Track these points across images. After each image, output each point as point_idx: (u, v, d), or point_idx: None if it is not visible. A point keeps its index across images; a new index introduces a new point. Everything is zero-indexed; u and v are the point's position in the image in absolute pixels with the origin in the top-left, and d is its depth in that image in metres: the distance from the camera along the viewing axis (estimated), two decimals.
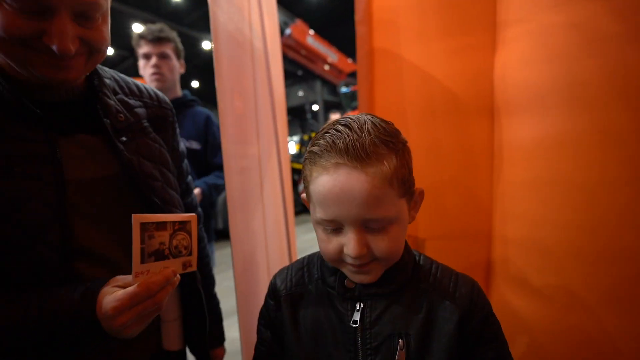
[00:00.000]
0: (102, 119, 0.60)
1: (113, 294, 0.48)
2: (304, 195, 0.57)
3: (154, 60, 1.46)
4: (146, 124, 0.69)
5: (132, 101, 0.68)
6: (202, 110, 1.64)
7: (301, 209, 7.46)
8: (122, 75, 0.72)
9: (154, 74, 1.47)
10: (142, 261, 0.49)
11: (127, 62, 10.72)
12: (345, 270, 0.54)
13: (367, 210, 0.47)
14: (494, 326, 0.55)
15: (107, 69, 0.69)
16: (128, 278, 0.51)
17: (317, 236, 0.54)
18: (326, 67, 9.35)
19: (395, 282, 0.55)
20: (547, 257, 0.81)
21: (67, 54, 0.50)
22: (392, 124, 0.53)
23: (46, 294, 0.50)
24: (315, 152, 0.50)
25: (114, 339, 0.51)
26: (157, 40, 1.46)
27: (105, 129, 0.60)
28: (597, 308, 0.74)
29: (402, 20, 0.99)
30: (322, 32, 8.91)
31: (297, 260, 0.65)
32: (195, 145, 1.54)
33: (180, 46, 1.57)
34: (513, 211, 0.89)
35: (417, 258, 0.59)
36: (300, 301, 0.59)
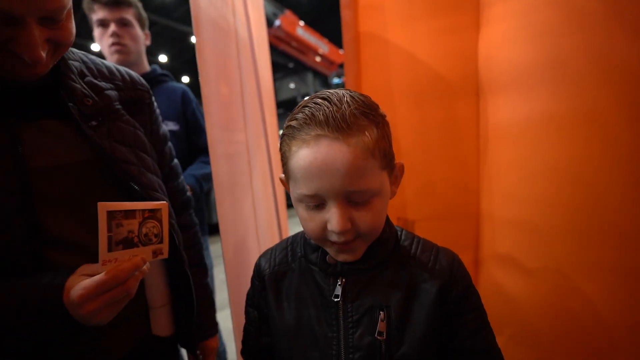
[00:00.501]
0: (66, 104, 0.58)
1: (80, 283, 0.48)
2: (282, 175, 0.56)
3: (112, 27, 1.25)
4: (118, 107, 0.66)
5: (102, 84, 0.66)
6: (177, 85, 1.45)
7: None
8: (93, 57, 0.69)
9: (114, 44, 1.25)
10: (110, 249, 0.49)
11: None
12: (329, 249, 0.54)
13: (350, 181, 0.46)
14: (473, 297, 0.56)
15: (76, 50, 0.67)
16: (96, 266, 0.50)
17: (298, 215, 0.53)
18: (317, 59, 9.30)
19: (376, 256, 0.55)
20: (534, 236, 0.82)
21: (39, 61, 0.50)
22: (370, 98, 0.52)
23: (15, 284, 0.49)
24: (294, 127, 0.49)
25: (96, 327, 0.51)
26: (114, 3, 1.24)
27: (71, 114, 0.58)
28: (584, 285, 0.75)
29: (387, 3, 0.99)
30: (313, 24, 8.82)
31: (282, 241, 0.66)
32: (172, 125, 1.36)
33: (144, 13, 1.36)
34: (500, 191, 0.90)
35: (398, 233, 0.60)
36: (283, 279, 0.60)
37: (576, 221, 0.76)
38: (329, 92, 0.49)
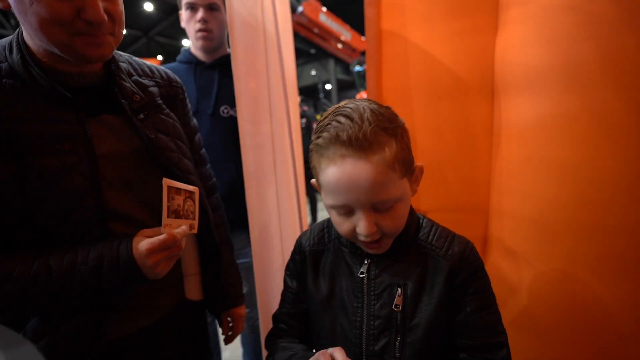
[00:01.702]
0: (120, 100, 0.68)
1: (146, 240, 0.60)
2: (314, 181, 0.63)
3: (201, 13, 1.23)
4: (160, 101, 0.77)
5: (145, 81, 0.76)
6: None
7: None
8: (135, 58, 0.80)
9: (201, 30, 1.25)
10: (168, 216, 0.62)
11: (139, 42, 10.77)
12: (360, 244, 0.62)
13: (373, 194, 0.53)
14: (481, 280, 0.62)
15: (122, 53, 0.77)
16: (153, 230, 0.63)
17: (331, 218, 0.63)
18: (339, 46, 9.18)
19: (398, 243, 0.63)
20: (541, 231, 0.86)
21: (102, 23, 0.58)
22: (390, 108, 0.58)
23: (90, 246, 0.60)
24: (321, 145, 0.55)
25: (150, 283, 0.62)
26: None
27: (123, 109, 0.68)
28: (588, 279, 0.79)
29: (409, 2, 1.02)
30: (335, 10, 8.68)
31: (318, 223, 0.75)
32: None
33: None
34: (509, 187, 0.94)
35: (420, 220, 0.68)
36: (321, 257, 0.70)
37: (583, 218, 0.79)
38: (351, 109, 0.55)
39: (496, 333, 0.61)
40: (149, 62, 0.83)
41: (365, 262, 0.64)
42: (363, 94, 11.09)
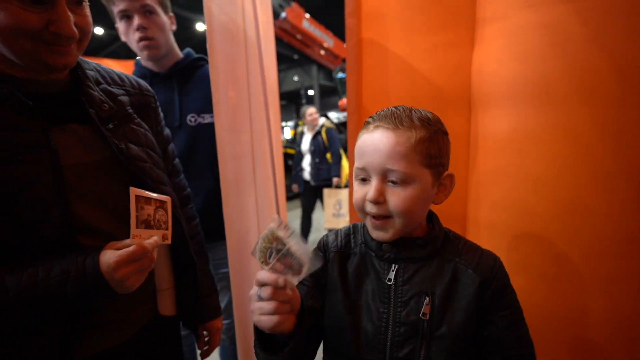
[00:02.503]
0: (87, 109, 0.66)
1: (114, 252, 0.57)
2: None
3: (137, 20, 1.12)
4: (130, 110, 0.74)
5: (115, 90, 0.74)
6: None
7: (293, 194, 7.54)
8: (104, 66, 0.77)
9: (142, 39, 1.13)
10: (137, 226, 0.59)
11: (117, 43, 10.50)
12: (368, 225, 0.63)
13: (388, 160, 0.57)
14: (510, 296, 0.63)
15: (89, 60, 0.74)
16: (122, 242, 0.60)
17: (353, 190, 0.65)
18: (322, 52, 9.25)
19: (426, 250, 0.64)
20: (515, 240, 0.89)
21: (73, 37, 0.57)
22: (439, 117, 0.64)
23: (54, 261, 0.57)
24: (367, 121, 0.64)
25: (120, 298, 0.59)
26: None
27: (91, 118, 0.66)
28: (560, 287, 0.82)
29: (390, 13, 1.04)
30: (318, 16, 8.76)
31: (345, 227, 0.75)
32: (209, 118, 1.23)
33: None
34: (485, 198, 0.96)
35: (448, 233, 0.69)
36: (347, 260, 0.70)
37: (556, 230, 0.82)
38: (403, 105, 0.63)
39: (526, 346, 0.63)
40: (118, 70, 0.80)
41: (393, 268, 0.64)
42: (345, 101, 11.19)
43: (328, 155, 3.79)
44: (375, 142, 0.59)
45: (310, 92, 14.53)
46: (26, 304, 0.54)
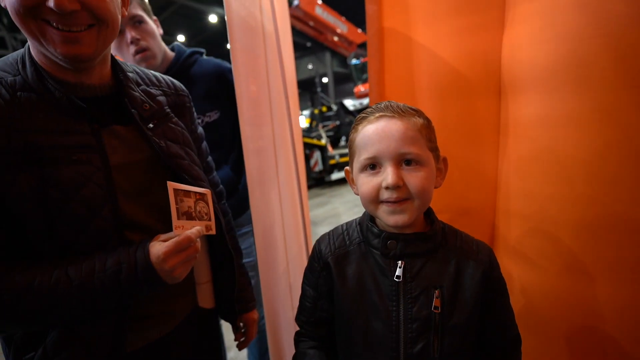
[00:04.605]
0: (130, 110, 0.68)
1: (161, 244, 0.59)
2: (347, 167, 0.70)
3: (129, 34, 1.10)
4: (168, 110, 0.76)
5: (153, 90, 0.76)
6: (208, 62, 1.26)
7: (312, 182, 7.57)
8: (142, 68, 0.80)
9: (138, 52, 1.12)
10: (178, 217, 0.61)
11: None
12: (382, 213, 0.62)
13: (402, 144, 0.59)
14: (502, 282, 0.68)
15: (128, 63, 0.76)
16: (167, 234, 0.62)
17: (359, 186, 0.64)
18: (336, 39, 9.10)
19: (428, 243, 0.64)
20: (547, 231, 0.86)
21: (63, 9, 0.54)
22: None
23: (107, 253, 0.60)
24: (362, 116, 0.65)
25: (163, 292, 0.61)
26: None
27: (134, 119, 0.68)
28: (594, 279, 0.79)
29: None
30: (331, 2, 8.58)
31: (335, 228, 0.75)
32: (214, 116, 1.22)
33: None
34: (516, 186, 0.93)
35: (443, 227, 0.69)
36: (345, 259, 0.69)
37: (592, 218, 0.79)
38: (388, 100, 0.66)
39: (515, 328, 0.69)
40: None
41: (400, 265, 0.63)
42: (360, 87, 11.03)
43: None
44: (385, 130, 0.60)
45: (325, 80, 14.37)
46: (86, 294, 0.57)
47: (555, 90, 0.81)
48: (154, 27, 1.19)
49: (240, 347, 0.95)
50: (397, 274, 0.63)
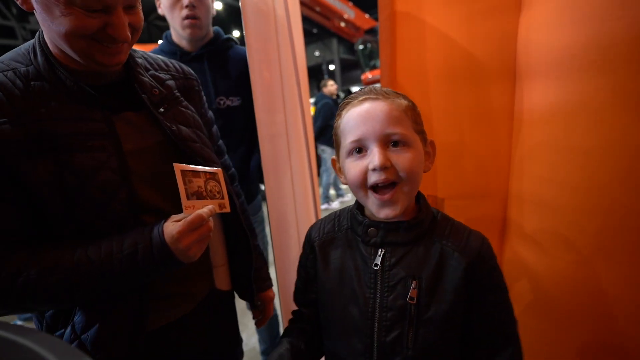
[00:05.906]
0: (140, 95, 0.69)
1: (174, 224, 0.61)
2: (334, 157, 0.68)
3: None
4: (177, 94, 0.77)
5: (162, 75, 0.77)
6: (242, 50, 1.30)
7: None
8: (149, 53, 0.81)
9: (189, 17, 1.12)
10: (188, 198, 0.62)
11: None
12: (372, 205, 0.61)
13: (387, 124, 0.58)
14: (496, 277, 0.63)
15: (136, 49, 0.77)
16: (179, 215, 0.63)
17: (346, 172, 0.63)
18: (342, 24, 8.95)
19: (412, 233, 0.63)
20: (560, 216, 0.86)
21: (126, 41, 0.61)
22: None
23: (123, 235, 0.62)
24: (345, 102, 0.64)
25: (180, 273, 0.64)
26: None
27: (144, 104, 0.69)
28: (606, 266, 0.79)
29: None
30: None
31: (330, 214, 0.76)
32: (237, 101, 1.25)
33: None
34: (530, 172, 0.93)
35: (435, 215, 0.67)
36: (330, 244, 0.70)
37: (607, 205, 0.77)
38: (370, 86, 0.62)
39: (511, 324, 0.63)
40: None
41: (380, 253, 0.63)
42: (368, 74, 10.87)
43: None
44: (369, 112, 0.59)
45: (332, 67, 14.20)
46: (106, 274, 0.59)
47: (574, 75, 0.79)
48: (211, 4, 1.23)
49: (258, 324, 0.98)
50: (375, 261, 0.63)
